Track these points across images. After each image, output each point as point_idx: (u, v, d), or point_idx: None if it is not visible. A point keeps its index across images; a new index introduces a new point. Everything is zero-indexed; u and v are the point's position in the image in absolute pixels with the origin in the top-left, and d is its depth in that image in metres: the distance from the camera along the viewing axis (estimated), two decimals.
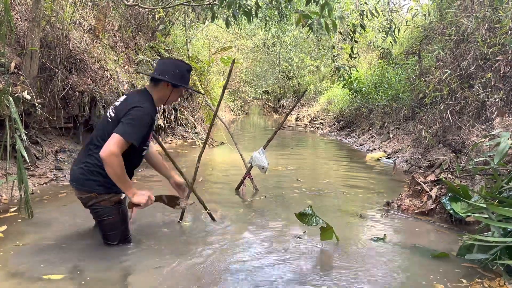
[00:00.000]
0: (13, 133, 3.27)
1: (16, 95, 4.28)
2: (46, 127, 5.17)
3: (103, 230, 2.82)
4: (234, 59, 3.65)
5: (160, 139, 6.87)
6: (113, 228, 2.79)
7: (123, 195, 2.77)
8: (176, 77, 2.80)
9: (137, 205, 2.66)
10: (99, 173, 2.66)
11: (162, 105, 3.04)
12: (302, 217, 3.17)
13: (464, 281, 2.49)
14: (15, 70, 4.50)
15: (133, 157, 2.74)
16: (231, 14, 5.38)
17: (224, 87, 3.63)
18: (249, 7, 4.89)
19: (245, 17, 5.07)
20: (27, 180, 3.22)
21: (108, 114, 2.79)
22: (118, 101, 2.85)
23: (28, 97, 4.41)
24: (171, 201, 3.20)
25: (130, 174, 2.81)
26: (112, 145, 2.46)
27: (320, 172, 6.32)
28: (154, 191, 3.09)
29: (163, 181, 3.46)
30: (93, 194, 2.68)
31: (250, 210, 4.08)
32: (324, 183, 5.41)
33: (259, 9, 5.28)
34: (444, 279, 2.52)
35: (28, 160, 3.84)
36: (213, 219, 3.55)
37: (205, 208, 3.55)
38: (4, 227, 3.13)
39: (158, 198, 3.02)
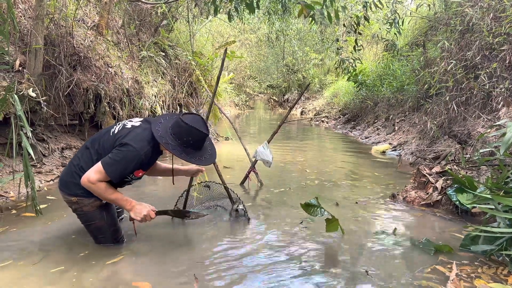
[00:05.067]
0: (19, 131, 3.30)
1: (21, 93, 4.31)
2: (51, 124, 5.21)
3: (91, 234, 2.80)
4: (226, 49, 3.67)
5: None
6: (100, 232, 2.77)
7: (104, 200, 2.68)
8: (187, 143, 2.63)
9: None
10: (78, 175, 2.61)
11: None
12: (308, 207, 3.17)
13: (461, 269, 2.49)
14: (20, 68, 4.52)
15: (112, 183, 2.63)
16: (233, 8, 5.37)
17: (218, 77, 3.66)
18: None
19: (247, 10, 5.05)
20: (33, 177, 3.25)
21: (116, 125, 2.73)
22: (132, 122, 2.75)
23: (33, 94, 4.43)
24: (179, 214, 3.22)
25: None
26: (93, 173, 2.47)
27: (326, 164, 6.32)
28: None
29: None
30: (73, 198, 2.64)
31: (257, 203, 4.10)
32: (330, 176, 5.41)
33: (261, 1, 5.25)
34: (445, 269, 2.52)
35: (34, 158, 3.88)
36: (245, 213, 3.53)
37: (233, 202, 3.58)
38: (45, 205, 3.66)
39: (163, 212, 2.93)
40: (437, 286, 2.32)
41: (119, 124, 2.76)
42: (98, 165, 2.49)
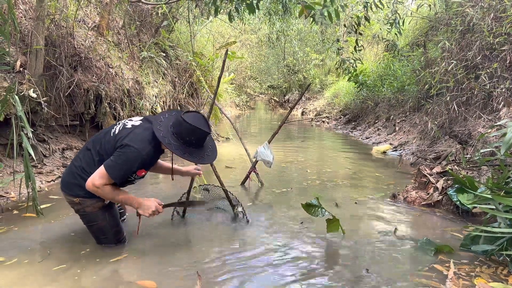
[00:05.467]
0: (19, 132, 3.30)
1: (22, 93, 4.32)
2: (52, 125, 5.21)
3: (93, 234, 2.81)
4: (227, 50, 3.67)
5: None
6: (103, 233, 2.77)
7: (107, 200, 2.69)
8: (190, 143, 2.64)
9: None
10: (80, 176, 2.62)
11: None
12: (309, 208, 3.18)
13: (461, 268, 2.49)
14: (21, 69, 4.53)
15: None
16: (234, 8, 5.37)
17: (219, 78, 3.69)
18: None
19: (247, 10, 5.05)
20: (34, 177, 3.25)
21: (117, 125, 2.72)
22: (132, 121, 2.74)
23: (34, 95, 4.44)
24: (185, 204, 3.30)
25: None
26: (97, 179, 2.48)
27: (327, 165, 6.32)
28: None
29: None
30: (75, 199, 2.64)
31: (257, 203, 4.10)
32: (331, 176, 5.41)
33: (261, 1, 5.25)
34: (443, 268, 2.52)
35: (35, 158, 3.88)
36: (244, 214, 3.52)
37: (232, 206, 3.58)
38: (49, 205, 3.77)
39: (169, 205, 2.95)
40: (437, 284, 2.33)
41: (119, 124, 2.74)
42: (101, 169, 2.49)
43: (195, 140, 2.64)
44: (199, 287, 2.26)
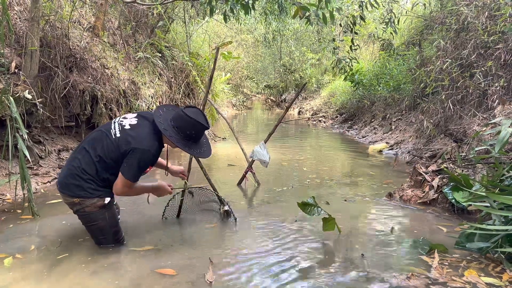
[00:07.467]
0: (15, 133, 3.30)
1: (17, 95, 4.31)
2: (48, 126, 5.20)
3: (92, 234, 2.81)
4: (218, 48, 3.67)
5: None
6: (102, 233, 2.78)
7: (107, 200, 2.71)
8: (189, 137, 2.79)
9: None
10: (80, 177, 2.63)
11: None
12: (305, 207, 3.19)
13: (450, 260, 2.51)
14: (16, 70, 4.52)
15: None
16: (229, 8, 5.37)
17: (211, 77, 3.77)
18: (246, 0, 4.87)
19: (242, 11, 5.05)
20: (29, 179, 3.25)
21: (113, 125, 2.74)
22: (127, 119, 2.78)
23: (29, 96, 4.43)
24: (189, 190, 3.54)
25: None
26: (123, 187, 2.67)
27: (323, 164, 6.33)
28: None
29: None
30: (75, 199, 2.65)
31: (253, 203, 4.11)
32: (327, 175, 5.42)
33: (257, 2, 5.26)
34: (429, 259, 2.57)
35: (30, 160, 3.88)
36: (232, 214, 3.52)
37: (222, 202, 3.58)
38: (60, 200, 3.70)
39: (178, 188, 3.32)
40: (423, 271, 2.46)
41: (115, 124, 2.76)
42: (122, 178, 2.63)
43: (195, 134, 2.79)
44: (211, 272, 2.35)
